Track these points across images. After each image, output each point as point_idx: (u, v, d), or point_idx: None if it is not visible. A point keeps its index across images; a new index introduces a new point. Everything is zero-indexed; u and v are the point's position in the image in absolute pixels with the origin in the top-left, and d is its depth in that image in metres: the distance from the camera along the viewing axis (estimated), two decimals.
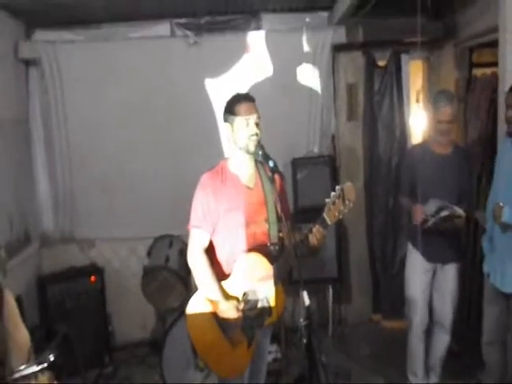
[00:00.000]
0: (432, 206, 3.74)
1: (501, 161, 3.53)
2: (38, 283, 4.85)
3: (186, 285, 4.25)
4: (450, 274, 3.98)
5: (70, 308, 4.77)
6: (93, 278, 4.95)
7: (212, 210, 2.91)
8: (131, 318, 5.27)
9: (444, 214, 3.68)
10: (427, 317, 4.06)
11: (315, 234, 2.78)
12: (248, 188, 2.99)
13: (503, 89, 3.67)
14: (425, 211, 3.75)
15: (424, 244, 3.92)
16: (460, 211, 3.69)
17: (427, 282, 4.02)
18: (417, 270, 4.03)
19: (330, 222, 2.74)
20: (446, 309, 4.01)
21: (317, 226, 2.77)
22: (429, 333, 4.11)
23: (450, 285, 3.98)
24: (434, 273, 4.02)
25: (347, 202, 2.68)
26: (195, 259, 2.94)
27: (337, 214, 2.71)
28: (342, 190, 2.69)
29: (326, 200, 2.72)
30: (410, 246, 4.10)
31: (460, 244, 4.06)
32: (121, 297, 5.24)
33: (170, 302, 4.31)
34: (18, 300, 4.20)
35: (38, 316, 4.77)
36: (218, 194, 2.91)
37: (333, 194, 2.70)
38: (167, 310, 4.40)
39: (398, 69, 5.38)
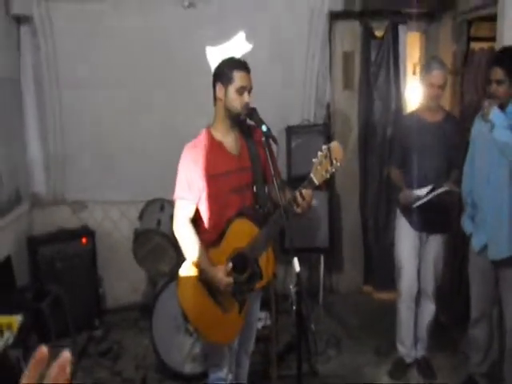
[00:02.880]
0: (424, 190, 3.80)
1: (477, 136, 3.58)
2: (28, 244, 4.83)
3: (177, 249, 4.26)
4: (434, 244, 4.05)
5: (60, 270, 4.77)
6: (84, 240, 4.95)
7: (196, 179, 2.90)
8: (122, 281, 5.29)
9: (431, 195, 3.73)
10: (416, 284, 4.12)
11: (303, 195, 2.77)
12: (232, 154, 2.98)
13: None
14: (415, 194, 3.81)
15: (411, 213, 3.98)
16: (454, 188, 3.74)
17: (414, 249, 4.08)
18: (404, 236, 4.11)
19: (317, 182, 2.74)
20: (428, 277, 4.09)
21: (305, 187, 2.76)
22: (418, 303, 4.17)
23: (433, 255, 4.06)
24: (421, 241, 4.08)
25: (334, 162, 2.67)
26: (180, 230, 2.95)
27: (324, 173, 2.70)
28: (329, 149, 2.67)
29: (313, 160, 2.70)
30: (398, 213, 4.17)
31: (447, 216, 4.10)
32: (112, 260, 5.24)
33: (161, 266, 4.32)
34: (8, 260, 4.22)
35: (29, 277, 4.77)
36: (202, 163, 2.90)
37: (320, 153, 2.69)
38: (158, 274, 4.42)
39: (396, 40, 5.34)
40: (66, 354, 0.81)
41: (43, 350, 0.81)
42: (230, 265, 2.87)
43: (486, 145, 3.42)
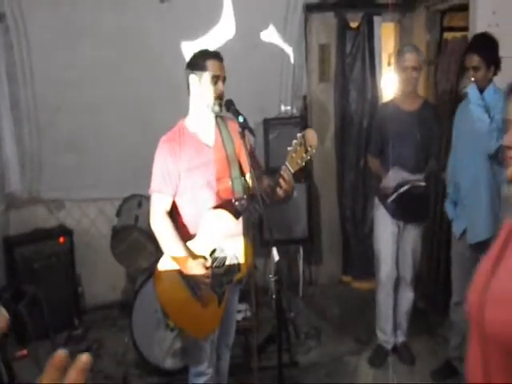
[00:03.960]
0: (391, 179, 3.82)
1: (458, 124, 3.65)
2: (4, 244, 4.76)
3: (156, 245, 4.23)
4: (412, 232, 4.09)
5: (38, 269, 4.71)
6: (62, 239, 4.90)
7: (171, 172, 2.89)
8: (101, 279, 5.24)
9: (403, 189, 3.77)
10: (394, 271, 4.15)
11: (282, 185, 2.73)
12: (208, 146, 2.98)
13: None
14: (387, 183, 3.82)
15: (387, 202, 4.01)
16: (419, 181, 3.77)
17: (393, 236, 4.11)
18: (382, 224, 4.14)
19: (292, 170, 2.71)
20: (406, 265, 4.13)
21: (281, 175, 2.73)
22: (396, 291, 4.20)
23: (411, 243, 4.10)
24: (399, 229, 4.11)
25: (309, 149, 2.65)
26: (157, 224, 2.93)
27: (299, 161, 2.69)
28: (303, 136, 2.66)
29: (288, 148, 2.69)
30: (376, 201, 4.20)
31: (424, 205, 4.15)
32: (90, 258, 5.19)
33: (140, 263, 4.28)
34: None
35: (5, 277, 4.70)
36: (177, 156, 2.89)
37: (294, 141, 2.68)
38: (137, 271, 4.38)
39: (371, 31, 5.35)
40: (86, 358, 0.80)
41: (61, 353, 0.79)
42: (209, 259, 2.86)
43: (465, 133, 3.51)
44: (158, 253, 3.16)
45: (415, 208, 4.01)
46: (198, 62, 2.93)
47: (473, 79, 3.37)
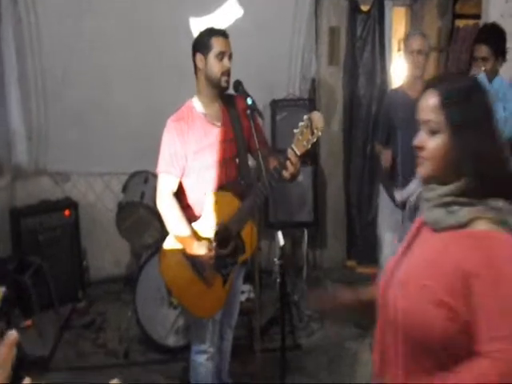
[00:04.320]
0: (411, 190, 3.85)
1: None
2: (11, 215, 4.78)
3: (161, 222, 4.26)
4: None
5: (43, 241, 4.73)
6: (67, 211, 4.92)
7: (179, 153, 2.90)
8: (106, 253, 5.29)
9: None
10: None
11: (289, 168, 2.74)
12: (216, 126, 2.98)
13: None
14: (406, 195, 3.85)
15: (392, 188, 4.04)
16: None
17: (395, 224, 4.08)
18: (386, 211, 4.17)
19: (299, 153, 2.71)
20: None
21: (287, 158, 2.73)
22: None
23: None
24: (403, 217, 4.12)
25: (315, 131, 2.66)
26: (164, 204, 2.95)
27: (305, 143, 2.69)
28: (310, 119, 2.66)
29: (294, 130, 2.70)
30: (381, 187, 4.23)
31: None
32: (95, 232, 5.23)
33: (145, 239, 4.30)
34: None
35: (11, 248, 4.73)
36: (185, 137, 2.89)
37: (300, 124, 2.68)
38: (142, 247, 4.42)
39: (381, 15, 5.32)
40: (14, 335, 0.90)
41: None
42: (214, 241, 2.89)
43: None
44: (164, 230, 3.19)
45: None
46: (203, 40, 2.93)
47: (483, 69, 3.37)
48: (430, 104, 1.55)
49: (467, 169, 1.48)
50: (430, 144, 1.56)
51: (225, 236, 2.93)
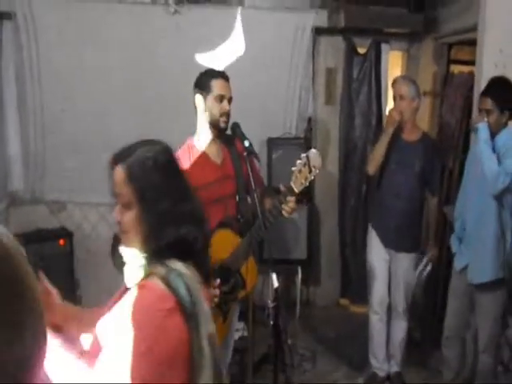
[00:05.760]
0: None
1: (469, 165, 3.72)
2: None
3: None
4: (402, 262, 4.11)
5: (37, 270, 4.71)
6: (62, 241, 4.92)
7: None
8: (100, 284, 5.22)
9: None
10: (386, 296, 4.17)
11: (288, 205, 2.80)
12: (216, 164, 3.04)
13: (479, 88, 3.79)
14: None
15: (380, 228, 4.11)
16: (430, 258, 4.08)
17: (385, 262, 4.16)
18: (375, 249, 4.19)
19: (297, 190, 2.76)
20: (398, 295, 4.14)
21: (285, 195, 2.79)
22: (391, 318, 4.23)
23: (401, 273, 4.12)
24: (391, 256, 4.16)
25: (313, 169, 2.70)
26: None
27: (303, 181, 2.73)
28: (308, 157, 2.71)
29: (292, 168, 2.74)
30: (369, 226, 4.27)
31: (416, 235, 4.17)
32: (90, 262, 5.19)
33: None
34: None
35: None
36: (185, 174, 2.93)
37: (298, 161, 2.73)
38: None
39: (378, 58, 5.44)
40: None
41: None
42: (218, 280, 2.92)
43: (475, 172, 3.52)
44: None
45: (406, 237, 4.07)
46: (204, 81, 3.00)
47: (485, 120, 3.41)
48: (117, 179, 1.62)
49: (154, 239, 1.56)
50: (125, 218, 1.61)
51: (225, 272, 2.96)
